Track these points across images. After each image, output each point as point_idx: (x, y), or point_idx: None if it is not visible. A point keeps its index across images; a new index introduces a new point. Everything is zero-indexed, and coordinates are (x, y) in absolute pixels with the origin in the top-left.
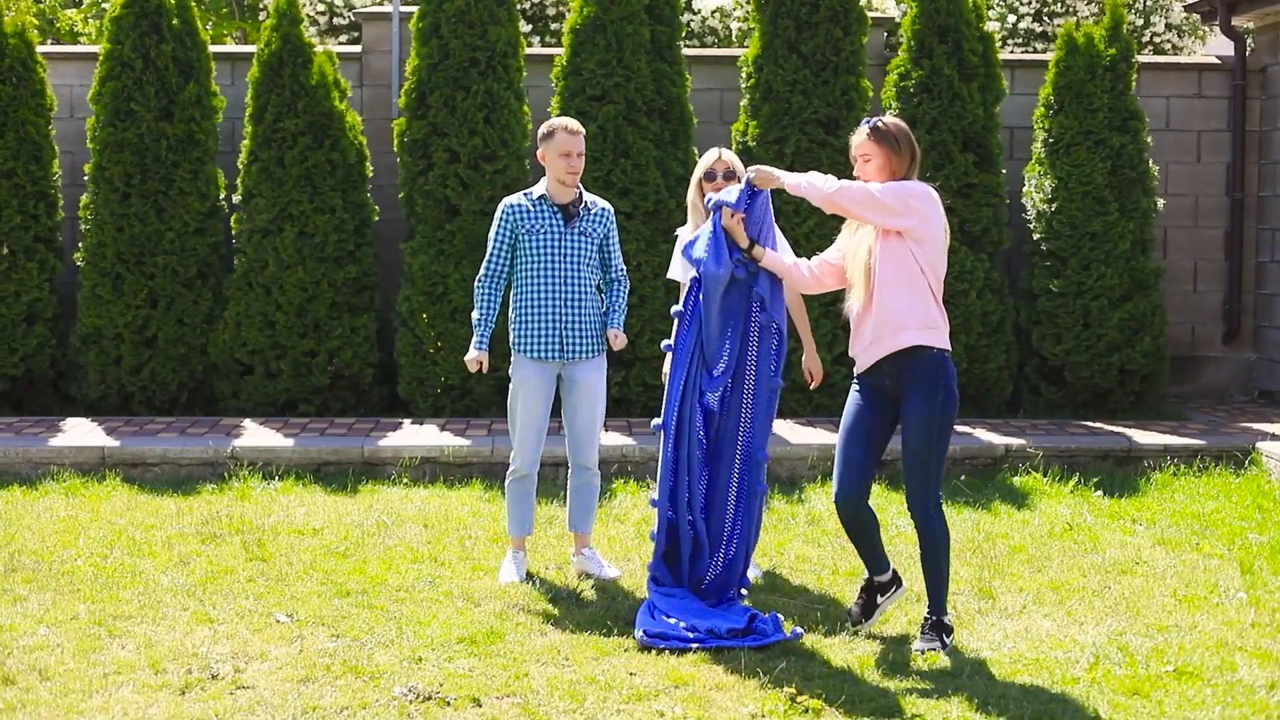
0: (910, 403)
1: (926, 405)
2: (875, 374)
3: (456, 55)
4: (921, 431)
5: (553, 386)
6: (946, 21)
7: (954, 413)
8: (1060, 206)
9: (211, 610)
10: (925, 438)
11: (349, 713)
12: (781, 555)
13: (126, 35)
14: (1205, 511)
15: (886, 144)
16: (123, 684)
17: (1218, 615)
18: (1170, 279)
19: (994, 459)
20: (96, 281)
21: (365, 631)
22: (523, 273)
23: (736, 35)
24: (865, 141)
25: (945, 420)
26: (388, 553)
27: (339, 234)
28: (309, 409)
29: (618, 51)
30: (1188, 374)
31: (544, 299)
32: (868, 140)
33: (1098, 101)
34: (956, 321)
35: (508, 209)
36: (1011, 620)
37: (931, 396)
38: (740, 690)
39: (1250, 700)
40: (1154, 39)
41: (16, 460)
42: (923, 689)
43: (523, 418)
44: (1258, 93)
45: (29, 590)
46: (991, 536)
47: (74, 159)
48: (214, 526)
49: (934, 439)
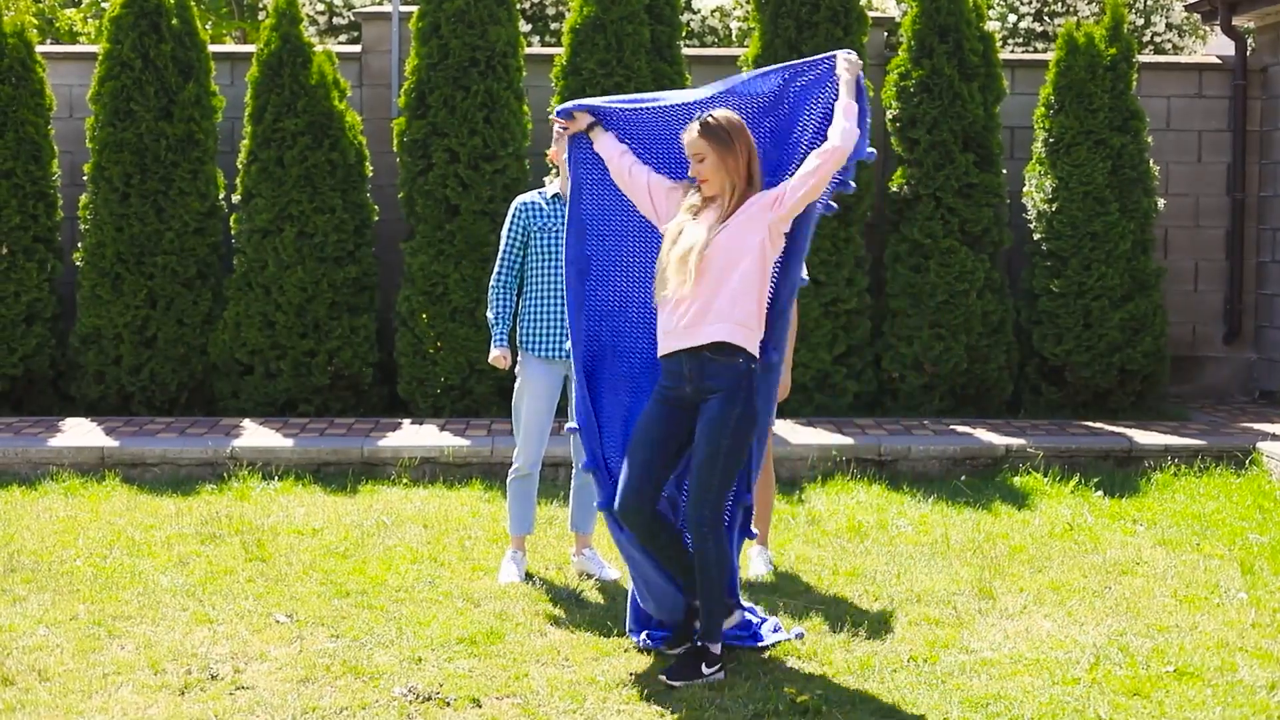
0: (706, 410)
1: (721, 414)
2: (676, 377)
3: (456, 55)
4: (711, 442)
5: (559, 387)
6: (947, 21)
7: (751, 431)
8: (1061, 206)
9: (211, 611)
10: (714, 449)
11: (349, 713)
12: (781, 555)
13: (126, 35)
14: (1206, 512)
15: (717, 140)
16: (122, 684)
17: (1218, 615)
18: (1171, 279)
19: (994, 459)
20: (96, 281)
21: (365, 632)
22: (533, 271)
23: (736, 35)
24: (696, 139)
25: (739, 436)
26: (387, 553)
27: (339, 234)
28: (309, 409)
29: (618, 51)
30: (1188, 374)
31: (554, 298)
32: (699, 138)
33: (1098, 101)
34: (957, 321)
35: (521, 207)
36: (1011, 620)
37: (729, 406)
38: (740, 690)
39: (1250, 700)
40: (1154, 39)
41: (16, 460)
42: (923, 689)
43: (527, 417)
44: (1258, 92)
45: (28, 590)
46: (991, 536)
47: (73, 159)
48: (213, 527)
49: (722, 452)
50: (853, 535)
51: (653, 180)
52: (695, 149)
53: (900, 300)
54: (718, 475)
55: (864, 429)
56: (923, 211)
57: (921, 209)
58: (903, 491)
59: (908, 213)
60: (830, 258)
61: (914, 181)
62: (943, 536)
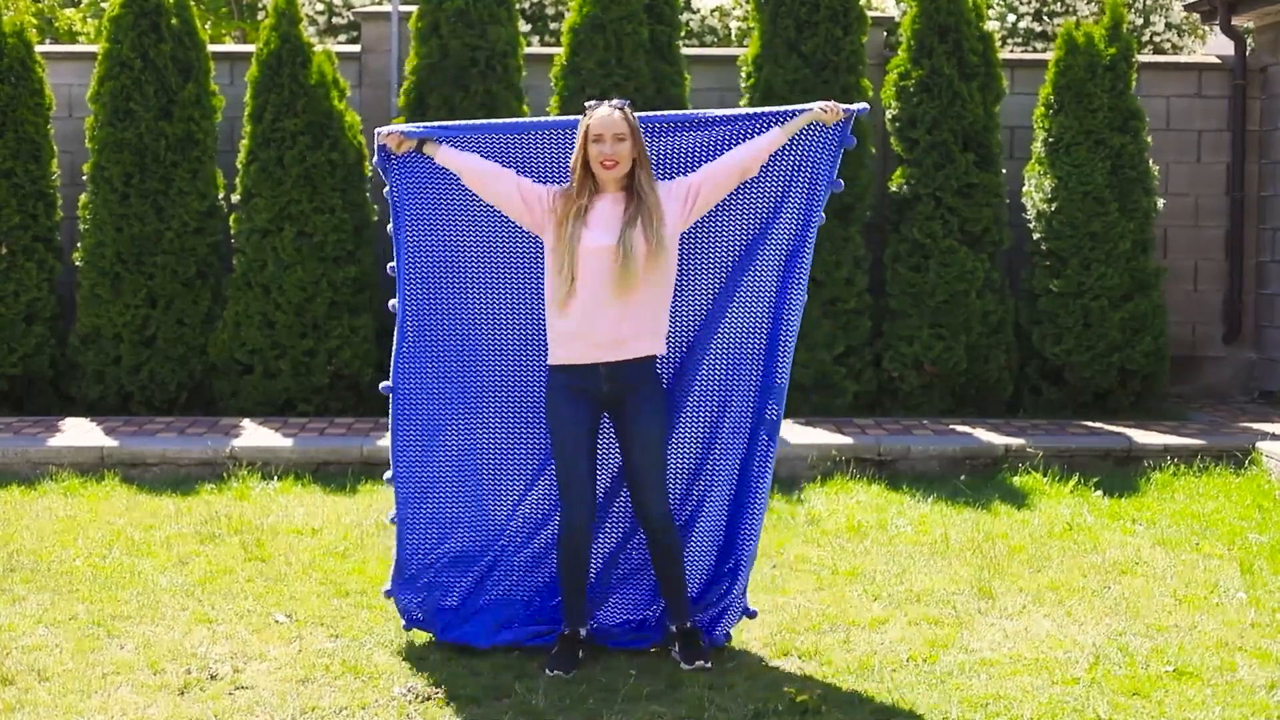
0: (640, 409)
1: (651, 408)
2: (589, 377)
3: (456, 55)
4: (649, 437)
5: None
6: (946, 21)
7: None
8: (1060, 206)
9: (210, 610)
10: (653, 444)
11: (348, 713)
12: (781, 555)
13: (125, 35)
14: (1205, 511)
15: (632, 125)
16: (121, 684)
17: (1218, 615)
18: (1171, 279)
19: (994, 459)
20: (95, 281)
21: (365, 631)
22: None
23: (736, 34)
24: (621, 120)
25: (664, 420)
26: (387, 553)
27: (338, 234)
28: (308, 409)
29: (617, 51)
30: (1188, 374)
31: None
32: (622, 120)
33: (1098, 101)
34: (957, 321)
35: None
36: (1011, 620)
37: (655, 399)
38: (740, 690)
39: (1250, 700)
40: (1154, 38)
41: (15, 460)
42: (922, 689)
43: None
44: (1258, 92)
45: (28, 590)
46: (991, 536)
47: (73, 159)
48: (213, 526)
49: (659, 444)
50: (852, 535)
51: (521, 179)
52: (618, 129)
53: (900, 300)
54: (661, 466)
55: (864, 429)
56: (922, 211)
57: (921, 209)
58: (902, 491)
59: (907, 212)
60: (830, 258)
61: (914, 181)
62: (942, 536)
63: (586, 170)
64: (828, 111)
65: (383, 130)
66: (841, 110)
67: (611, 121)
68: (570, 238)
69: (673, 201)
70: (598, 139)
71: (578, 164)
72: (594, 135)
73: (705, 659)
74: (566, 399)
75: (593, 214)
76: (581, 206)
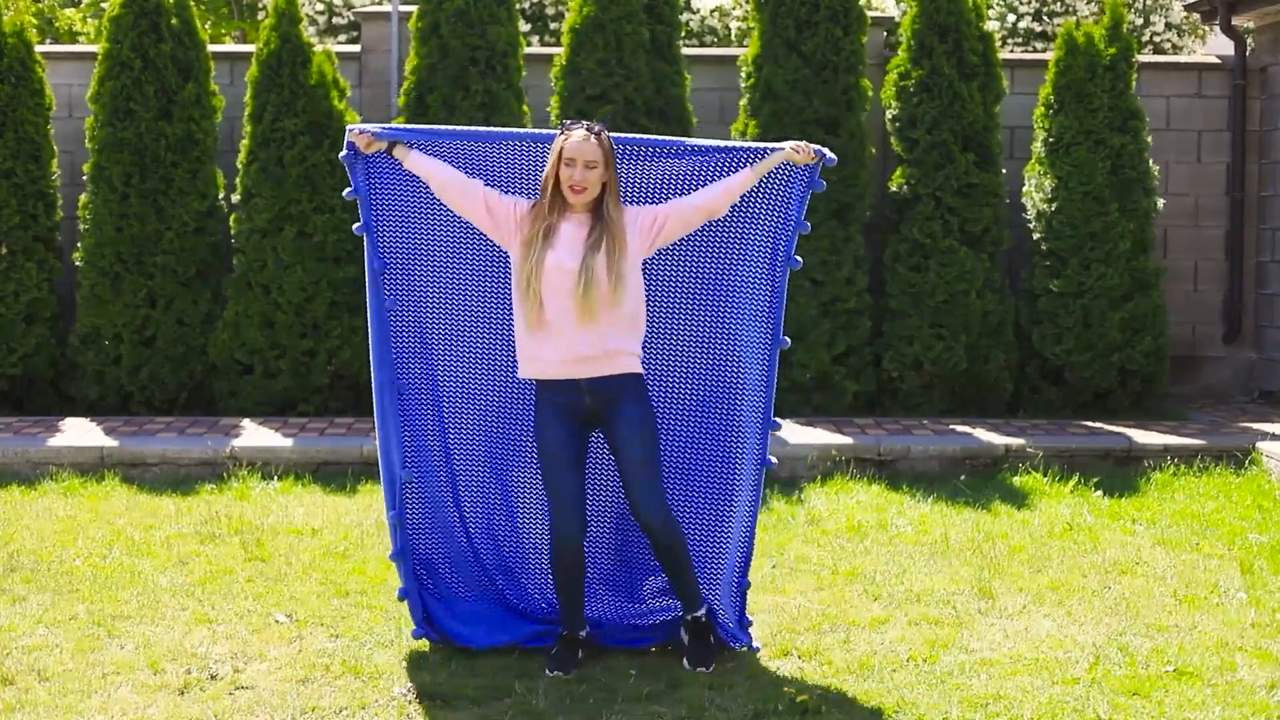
0: (625, 416)
1: (640, 413)
2: (570, 393)
3: (456, 55)
4: (642, 441)
5: None
6: (946, 21)
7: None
8: (1060, 206)
9: (210, 610)
10: (646, 447)
11: (348, 713)
12: (781, 555)
13: (125, 35)
14: (1205, 511)
15: (606, 152)
16: (121, 684)
17: (1218, 615)
18: (1171, 279)
19: (994, 459)
20: (95, 281)
21: (365, 631)
22: None
23: (736, 35)
24: (595, 148)
25: (655, 424)
26: (387, 553)
27: (338, 234)
28: (308, 409)
29: (617, 51)
30: (1188, 374)
31: None
32: (596, 147)
33: (1098, 101)
34: (957, 321)
35: None
36: (1011, 620)
37: (646, 405)
38: (740, 690)
39: (1250, 700)
40: (1154, 38)
41: (15, 460)
42: (922, 689)
43: None
44: (1258, 92)
45: (28, 590)
46: (991, 536)
47: (73, 158)
48: (213, 526)
49: (651, 446)
50: (852, 535)
51: (488, 191)
52: (590, 156)
53: (900, 300)
54: (657, 469)
55: (863, 429)
56: (922, 211)
57: (921, 209)
58: (902, 491)
59: (907, 213)
60: (830, 257)
61: (913, 181)
62: (942, 536)
63: (557, 189)
64: (799, 152)
65: (354, 128)
66: (813, 151)
67: (585, 148)
68: (535, 260)
69: (637, 231)
70: (569, 163)
71: (549, 183)
72: (566, 158)
73: (708, 663)
74: (552, 413)
75: (558, 235)
76: (550, 226)
